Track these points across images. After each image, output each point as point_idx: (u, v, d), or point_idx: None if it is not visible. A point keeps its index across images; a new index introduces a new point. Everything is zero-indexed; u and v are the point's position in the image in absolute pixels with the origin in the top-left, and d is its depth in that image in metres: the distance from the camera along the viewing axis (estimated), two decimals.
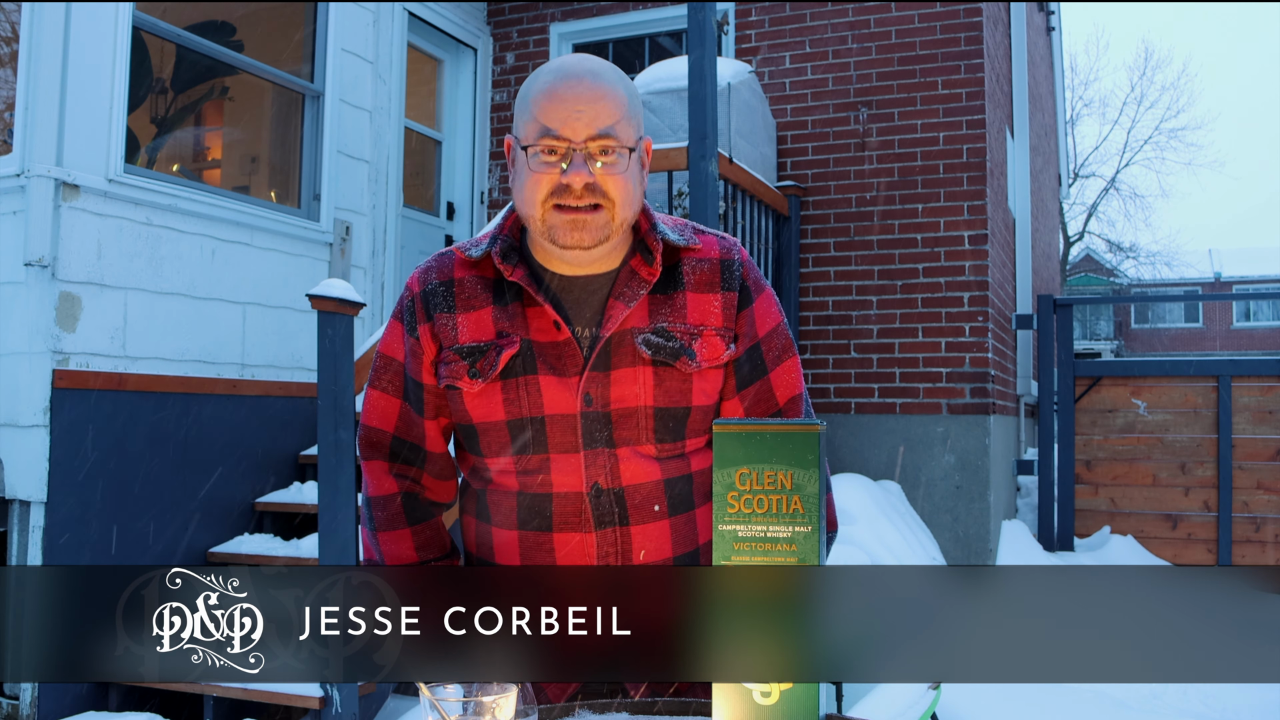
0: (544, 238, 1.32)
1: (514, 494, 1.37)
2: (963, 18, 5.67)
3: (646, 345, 1.34)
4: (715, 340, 1.37)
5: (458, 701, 0.96)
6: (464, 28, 6.52)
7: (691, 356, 1.35)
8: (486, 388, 1.34)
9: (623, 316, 1.34)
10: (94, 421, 3.88)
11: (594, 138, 1.28)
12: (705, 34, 3.94)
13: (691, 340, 1.36)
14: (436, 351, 1.38)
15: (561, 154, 1.28)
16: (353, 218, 5.35)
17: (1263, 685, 4.74)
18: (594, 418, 1.34)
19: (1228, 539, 6.31)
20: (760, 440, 1.06)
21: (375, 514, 1.46)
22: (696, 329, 1.36)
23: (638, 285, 1.36)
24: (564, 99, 1.29)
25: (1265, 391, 6.37)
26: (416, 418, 1.43)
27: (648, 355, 1.34)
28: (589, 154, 1.28)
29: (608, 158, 1.29)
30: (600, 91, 1.30)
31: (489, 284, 1.38)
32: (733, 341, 1.38)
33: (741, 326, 1.40)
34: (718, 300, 1.38)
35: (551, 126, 1.28)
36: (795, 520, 1.05)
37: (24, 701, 3.71)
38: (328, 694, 3.33)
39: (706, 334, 1.36)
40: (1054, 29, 10.23)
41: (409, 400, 1.43)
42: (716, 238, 1.44)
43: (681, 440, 1.37)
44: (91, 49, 3.97)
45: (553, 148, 1.28)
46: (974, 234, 5.59)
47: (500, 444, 1.36)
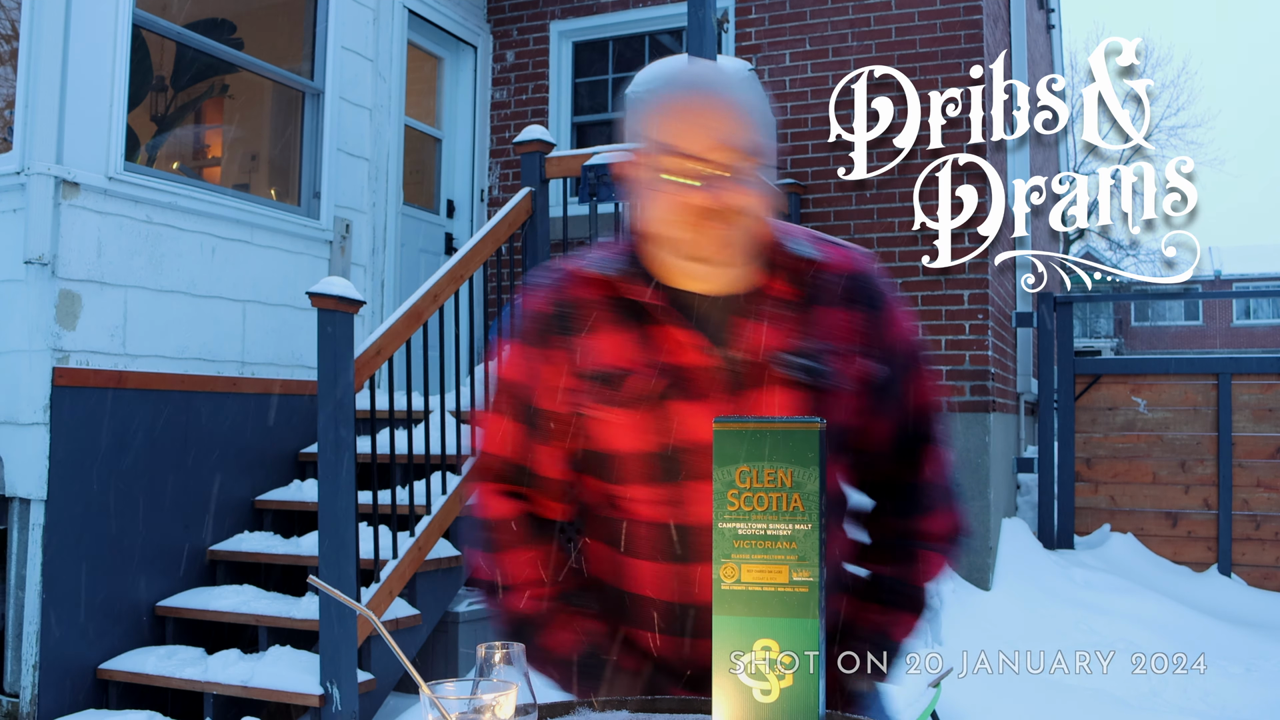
0: (678, 255, 1.27)
1: (660, 525, 1.30)
2: (963, 15, 5.67)
3: (786, 367, 1.28)
4: (853, 359, 1.32)
5: (458, 700, 0.95)
6: (464, 25, 6.52)
7: (830, 376, 1.30)
8: (624, 414, 1.29)
9: (761, 337, 1.28)
10: (94, 419, 3.88)
11: (724, 154, 1.23)
12: (705, 32, 3.94)
13: (830, 359, 1.30)
14: (565, 376, 1.32)
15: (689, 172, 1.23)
16: (353, 215, 5.35)
17: (1263, 684, 4.74)
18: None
19: (1227, 537, 6.31)
20: (760, 438, 1.05)
21: (494, 537, 1.40)
22: (835, 348, 1.31)
23: (774, 304, 1.30)
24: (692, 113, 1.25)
25: (1265, 389, 6.37)
26: (533, 444, 1.37)
27: (788, 377, 1.28)
28: (724, 170, 1.23)
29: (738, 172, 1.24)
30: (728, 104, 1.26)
31: (616, 304, 1.31)
32: (870, 359, 1.33)
33: (878, 342, 1.35)
34: (854, 317, 1.33)
35: (678, 144, 1.24)
36: (795, 518, 1.04)
37: (24, 699, 3.71)
38: (328, 692, 3.33)
39: (845, 352, 1.31)
40: (1054, 27, 10.22)
41: (526, 425, 1.37)
42: (846, 250, 1.39)
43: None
44: (91, 47, 3.97)
45: (679, 165, 1.23)
46: (974, 232, 5.59)
47: (638, 472, 1.30)
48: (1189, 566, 6.35)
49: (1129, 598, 5.56)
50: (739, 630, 1.04)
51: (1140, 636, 5.16)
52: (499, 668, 1.05)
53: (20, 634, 3.75)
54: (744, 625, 1.04)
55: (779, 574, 1.04)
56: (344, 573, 3.33)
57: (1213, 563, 6.34)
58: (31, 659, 3.70)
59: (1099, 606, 5.42)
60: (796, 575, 1.04)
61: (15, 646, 3.77)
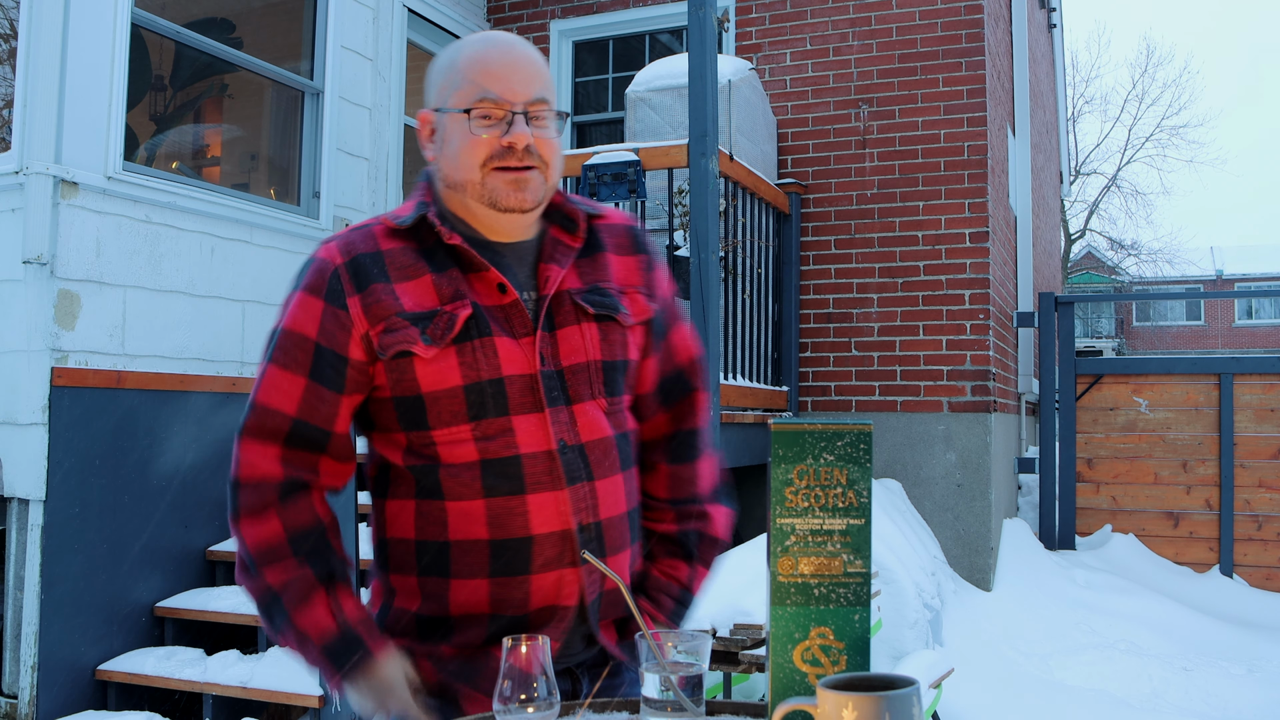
0: (483, 201, 1.35)
1: (475, 463, 1.32)
2: (964, 14, 5.66)
3: (588, 303, 1.40)
4: (639, 297, 1.46)
5: (671, 645, 1.12)
6: (464, 24, 6.51)
7: (625, 311, 1.43)
8: (441, 353, 1.31)
9: (559, 278, 1.39)
10: (93, 419, 3.88)
11: (531, 101, 1.34)
12: (705, 31, 3.93)
13: (620, 297, 1.44)
14: (374, 322, 1.32)
15: (501, 117, 1.33)
16: (352, 215, 5.34)
17: (1264, 685, 4.73)
18: (550, 376, 1.36)
19: (1229, 537, 6.30)
20: (816, 438, 1.11)
21: (243, 499, 1.35)
22: (622, 287, 1.45)
23: (565, 250, 1.42)
24: (501, 64, 1.35)
25: (1267, 389, 6.36)
26: (329, 394, 1.35)
27: (591, 311, 1.39)
28: (528, 117, 1.34)
29: (541, 122, 1.35)
30: (531, 58, 1.37)
31: (421, 252, 1.37)
32: (650, 299, 1.48)
33: (653, 288, 1.50)
34: (634, 261, 1.48)
35: (490, 89, 1.33)
36: (850, 514, 1.11)
37: (22, 700, 3.70)
38: (327, 693, 3.32)
39: (631, 292, 1.46)
40: (1055, 26, 10.21)
41: (319, 379, 1.34)
42: (614, 209, 1.53)
43: (620, 395, 1.44)
44: (90, 46, 3.96)
45: (490, 111, 1.33)
46: (975, 231, 5.58)
47: (453, 412, 1.32)
48: (1190, 567, 6.33)
49: (1130, 598, 5.55)
50: (795, 620, 1.10)
51: (1142, 637, 5.14)
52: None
53: (19, 635, 3.74)
54: (801, 615, 1.10)
55: (834, 566, 1.10)
56: None
57: (1214, 563, 6.33)
58: (30, 660, 3.70)
59: (1100, 607, 5.41)
60: (850, 567, 1.11)
61: (14, 647, 3.77)
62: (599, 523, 1.36)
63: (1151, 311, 32.34)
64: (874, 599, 3.08)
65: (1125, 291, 29.26)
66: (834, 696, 0.93)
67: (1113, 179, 28.07)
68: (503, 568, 1.32)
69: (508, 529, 1.32)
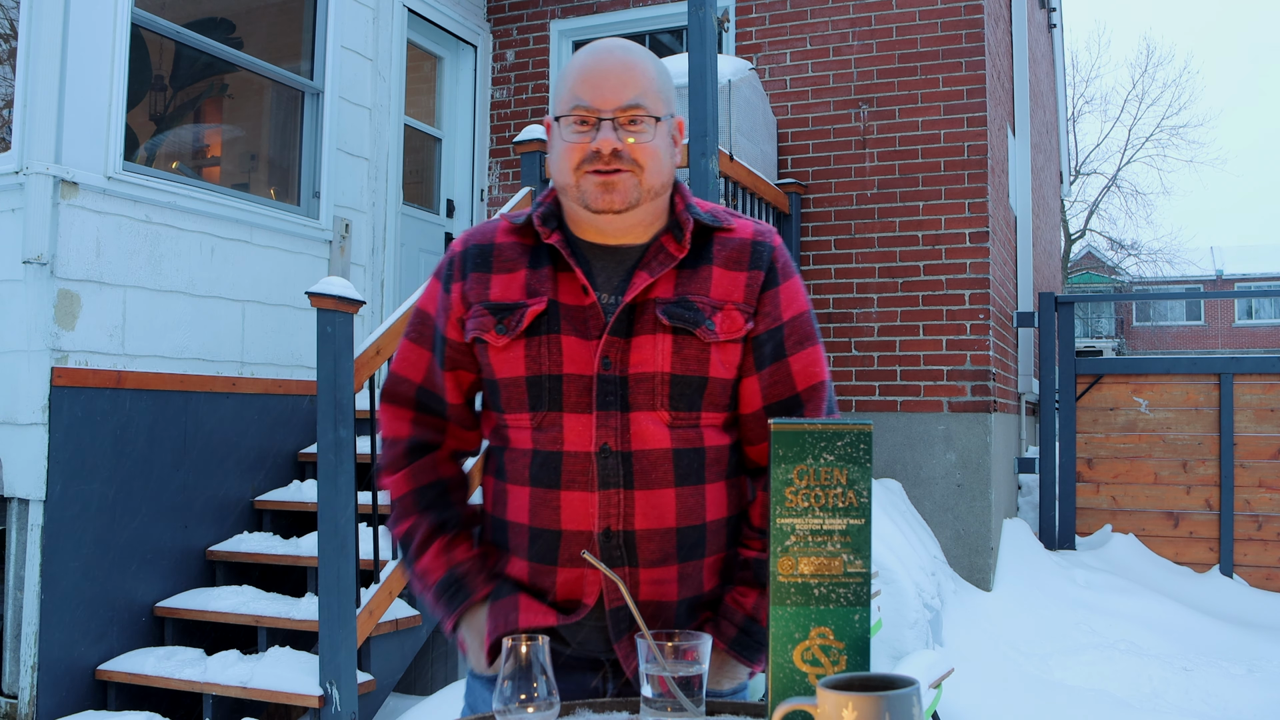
0: (578, 203, 1.40)
1: (528, 451, 1.42)
2: (964, 14, 5.66)
3: (667, 314, 1.39)
4: (735, 314, 1.42)
5: (668, 645, 1.13)
6: (464, 24, 6.51)
7: (710, 327, 1.40)
8: (511, 343, 1.41)
9: (645, 285, 1.40)
10: (93, 419, 3.88)
11: (622, 108, 1.38)
12: (705, 31, 3.93)
13: (713, 312, 1.41)
14: (466, 308, 1.45)
15: (591, 123, 1.38)
16: (352, 215, 5.34)
17: (1265, 685, 4.73)
18: (610, 380, 1.38)
19: (1229, 537, 6.30)
20: (816, 438, 1.11)
21: (382, 456, 1.54)
22: (719, 303, 1.42)
23: (665, 259, 1.42)
24: (595, 72, 1.40)
25: (1267, 389, 6.36)
26: (438, 368, 1.50)
27: (668, 323, 1.39)
28: (617, 122, 1.37)
29: (635, 127, 1.38)
30: (628, 65, 1.40)
31: (527, 249, 1.46)
32: (753, 318, 1.43)
33: (765, 306, 1.44)
34: (743, 277, 1.44)
35: (582, 98, 1.38)
36: (850, 514, 1.11)
37: (22, 700, 3.70)
38: (327, 693, 3.32)
39: (728, 308, 1.42)
40: (1055, 26, 10.21)
41: (435, 352, 1.50)
42: (752, 223, 1.50)
43: (697, 411, 1.41)
44: (90, 46, 3.96)
45: (583, 117, 1.38)
46: (975, 231, 5.58)
47: (518, 400, 1.42)
48: (1190, 567, 6.34)
49: (1130, 598, 5.55)
50: (795, 620, 1.10)
51: (1142, 637, 5.14)
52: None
53: (19, 635, 3.74)
54: (800, 615, 1.10)
55: (834, 566, 1.11)
56: (343, 573, 3.32)
57: (1214, 563, 6.33)
58: (30, 660, 3.70)
59: (1100, 607, 5.41)
60: (850, 567, 1.11)
61: (14, 647, 3.77)
62: (632, 532, 1.37)
63: (1151, 311, 32.34)
64: (874, 599, 3.08)
65: (1125, 291, 29.25)
66: (834, 696, 0.93)
67: (1113, 179, 28.07)
68: (538, 554, 1.41)
69: (542, 519, 1.40)
